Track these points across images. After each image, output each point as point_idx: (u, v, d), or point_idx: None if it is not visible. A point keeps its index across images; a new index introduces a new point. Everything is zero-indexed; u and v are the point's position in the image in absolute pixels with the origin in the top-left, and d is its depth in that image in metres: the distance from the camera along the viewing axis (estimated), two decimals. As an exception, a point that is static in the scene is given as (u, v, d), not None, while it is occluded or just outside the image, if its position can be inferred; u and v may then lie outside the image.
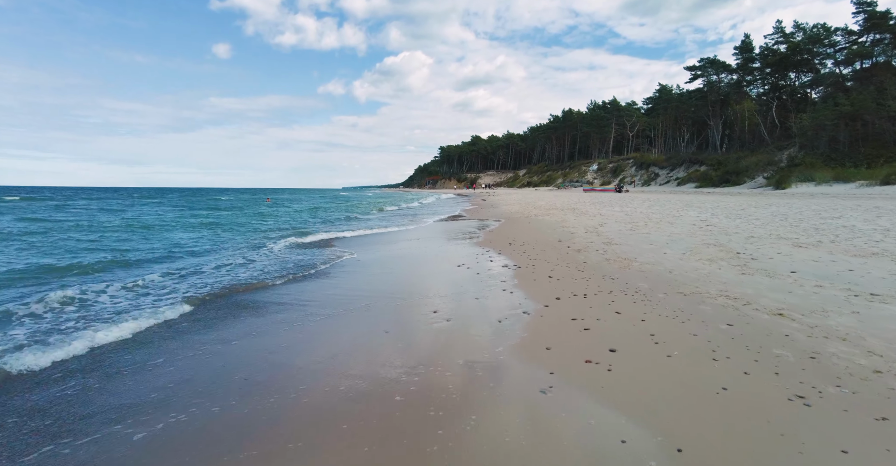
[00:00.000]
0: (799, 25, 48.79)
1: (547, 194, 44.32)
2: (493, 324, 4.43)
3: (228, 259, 8.77)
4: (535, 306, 4.93)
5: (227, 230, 15.00)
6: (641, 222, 11.99)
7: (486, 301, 5.32)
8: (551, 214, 16.48)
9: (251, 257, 8.94)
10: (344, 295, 5.89)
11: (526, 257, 8.09)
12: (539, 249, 8.81)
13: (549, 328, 4.19)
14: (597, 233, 10.48)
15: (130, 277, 6.98)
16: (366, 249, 10.10)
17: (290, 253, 9.59)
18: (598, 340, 3.80)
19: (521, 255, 8.31)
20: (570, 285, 5.77)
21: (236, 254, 9.36)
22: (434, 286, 6.27)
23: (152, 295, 5.86)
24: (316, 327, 4.61)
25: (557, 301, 5.09)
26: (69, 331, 4.41)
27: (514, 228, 13.19)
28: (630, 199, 25.23)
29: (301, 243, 11.27)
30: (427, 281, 6.67)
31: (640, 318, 4.29)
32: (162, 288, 6.32)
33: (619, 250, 8.04)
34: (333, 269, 7.73)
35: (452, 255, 8.88)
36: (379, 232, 14.08)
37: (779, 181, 32.69)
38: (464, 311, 4.94)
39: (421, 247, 10.28)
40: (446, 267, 7.65)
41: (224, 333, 4.43)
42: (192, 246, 10.96)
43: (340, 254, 9.29)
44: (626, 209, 16.42)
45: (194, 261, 8.63)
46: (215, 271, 7.51)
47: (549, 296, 5.27)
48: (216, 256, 9.28)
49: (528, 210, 19.72)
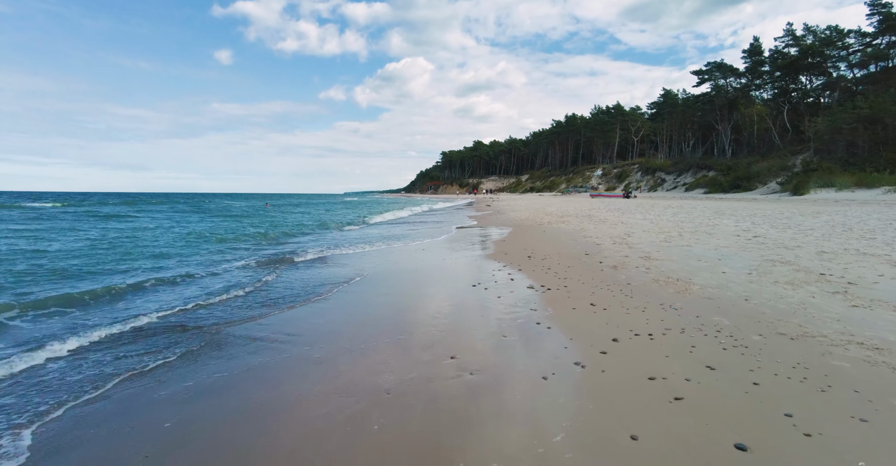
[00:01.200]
0: (809, 28, 47.80)
1: (554, 200, 43.07)
2: (536, 384, 3.16)
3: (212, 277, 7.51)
4: (587, 352, 3.66)
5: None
6: (674, 232, 10.71)
7: (517, 341, 4.05)
8: (566, 222, 15.21)
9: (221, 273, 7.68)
10: (337, 327, 4.62)
11: (553, 275, 6.82)
12: (566, 265, 7.53)
13: (621, 394, 2.92)
14: (627, 244, 9.20)
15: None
16: (365, 263, 8.83)
17: (274, 271, 8.34)
18: (702, 421, 2.53)
19: (545, 272, 7.04)
20: (622, 317, 4.49)
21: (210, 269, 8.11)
22: (447, 314, 5.00)
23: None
24: (295, 379, 3.34)
25: (615, 344, 3.81)
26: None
27: (529, 238, 11.91)
28: (647, 206, 23.93)
29: (292, 260, 10.01)
30: (438, 306, 5.40)
31: (751, 380, 3.01)
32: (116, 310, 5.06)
33: (663, 267, 6.76)
34: (329, 290, 6.47)
35: (464, 271, 7.62)
36: (379, 237, 12.83)
37: (796, 187, 31.39)
38: (492, 358, 3.67)
39: (426, 261, 9.02)
40: (459, 287, 6.38)
41: (171, 388, 3.16)
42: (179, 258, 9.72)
43: (338, 273, 8.04)
44: (647, 216, 15.14)
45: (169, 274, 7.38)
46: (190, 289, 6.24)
47: (602, 336, 4.00)
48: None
49: (539, 217, 18.45)
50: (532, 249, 9.53)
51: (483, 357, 3.72)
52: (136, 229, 16.44)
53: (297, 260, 9.07)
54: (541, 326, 4.43)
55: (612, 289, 5.68)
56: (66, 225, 17.73)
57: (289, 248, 11.09)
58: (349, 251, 10.51)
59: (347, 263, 8.70)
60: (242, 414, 2.89)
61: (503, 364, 3.56)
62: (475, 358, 3.68)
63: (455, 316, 4.97)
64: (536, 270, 7.29)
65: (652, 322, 4.31)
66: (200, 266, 8.40)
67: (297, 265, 8.61)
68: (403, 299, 5.89)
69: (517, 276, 6.94)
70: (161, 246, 11.30)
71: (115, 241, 12.15)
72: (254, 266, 8.38)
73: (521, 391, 3.07)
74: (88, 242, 11.86)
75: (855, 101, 34.31)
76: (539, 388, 3.09)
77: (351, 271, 7.85)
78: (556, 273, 6.96)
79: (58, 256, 9.26)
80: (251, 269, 8.06)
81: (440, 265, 8.40)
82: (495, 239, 12.31)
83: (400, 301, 5.80)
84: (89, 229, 16.03)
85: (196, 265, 8.52)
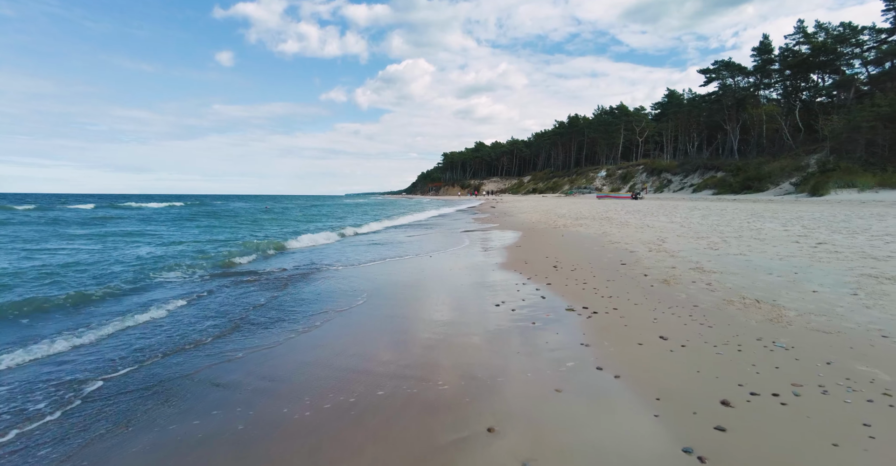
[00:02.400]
0: (821, 25, 46.62)
1: (560, 201, 41.82)
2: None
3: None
4: (692, 427, 2.43)
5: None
6: (714, 236, 9.47)
7: (577, 400, 2.83)
8: (584, 225, 13.98)
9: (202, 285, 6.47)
10: (323, 371, 3.40)
11: (592, 291, 5.60)
12: (603, 278, 6.31)
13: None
14: (667, 252, 7.98)
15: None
16: (369, 278, 7.63)
17: (268, 288, 7.13)
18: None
19: (581, 288, 5.82)
20: (715, 361, 3.27)
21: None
22: (472, 352, 3.78)
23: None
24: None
25: (730, 411, 2.58)
26: None
27: (547, 244, 10.69)
28: (669, 207, 22.67)
29: (272, 270, 8.80)
30: (458, 339, 4.18)
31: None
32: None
33: (728, 283, 5.53)
34: (326, 316, 5.25)
35: (481, 285, 6.40)
36: (385, 244, 11.62)
37: (815, 187, 30.13)
38: (548, 435, 2.44)
39: (437, 273, 7.80)
40: (480, 309, 5.17)
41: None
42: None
43: (338, 291, 6.84)
44: (673, 219, 13.89)
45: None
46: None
47: (703, 395, 2.77)
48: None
49: (552, 219, 17.22)
50: (555, 257, 8.31)
51: (535, 431, 2.50)
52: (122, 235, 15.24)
53: (291, 274, 7.85)
54: (604, 374, 3.20)
55: (677, 313, 4.45)
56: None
57: (285, 260, 9.88)
58: (351, 263, 9.29)
59: (349, 277, 7.48)
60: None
61: (567, 446, 2.33)
62: (523, 434, 2.45)
63: (482, 354, 3.75)
64: (569, 285, 6.07)
65: (763, 369, 3.09)
66: (176, 285, 7.18)
67: (292, 280, 7.40)
68: (413, 327, 4.66)
69: (548, 293, 5.72)
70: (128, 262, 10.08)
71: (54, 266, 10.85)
72: (233, 283, 7.16)
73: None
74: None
75: (874, 99, 33.07)
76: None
77: (353, 287, 6.62)
78: (595, 289, 5.74)
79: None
80: (239, 286, 6.84)
81: (453, 278, 7.18)
82: (509, 244, 11.07)
83: (409, 330, 4.57)
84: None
85: (171, 287, 7.30)
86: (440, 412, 2.75)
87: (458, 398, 2.93)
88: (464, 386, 3.10)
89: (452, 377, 3.28)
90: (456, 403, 2.86)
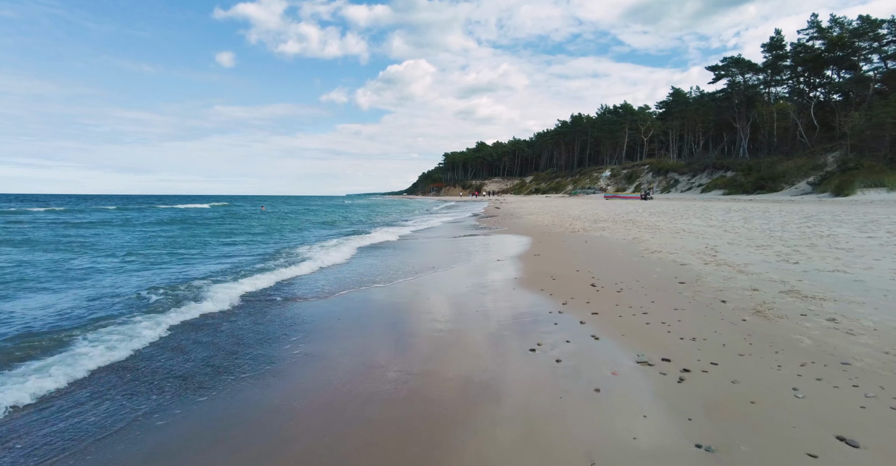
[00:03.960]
0: (836, 19, 45.01)
1: (568, 202, 40.17)
2: None
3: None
4: None
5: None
6: (777, 245, 7.85)
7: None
8: (607, 228, 12.35)
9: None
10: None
11: (660, 327, 4.01)
12: (667, 304, 4.71)
13: None
14: (728, 265, 6.38)
15: None
16: (348, 300, 6.05)
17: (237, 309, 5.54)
18: None
19: (643, 322, 4.23)
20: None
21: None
22: (506, 449, 2.18)
23: None
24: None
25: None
26: None
27: (570, 251, 9.08)
28: (697, 208, 21.02)
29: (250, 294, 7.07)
30: (478, 424, 2.59)
31: None
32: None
33: (861, 317, 3.93)
34: (292, 354, 3.66)
35: (501, 315, 4.80)
36: (380, 255, 10.03)
37: (839, 187, 28.46)
38: None
39: (442, 292, 6.21)
40: (505, 357, 3.58)
41: None
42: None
43: (303, 316, 5.27)
44: (710, 222, 12.23)
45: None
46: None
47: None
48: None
49: (566, 222, 15.59)
50: (588, 271, 6.70)
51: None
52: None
53: (254, 289, 6.25)
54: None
55: (826, 378, 2.85)
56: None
57: (265, 278, 8.29)
58: (324, 290, 7.70)
59: (323, 292, 5.87)
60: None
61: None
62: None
63: (521, 456, 2.15)
64: (624, 315, 4.47)
65: None
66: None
67: (253, 302, 5.80)
68: (413, 389, 3.07)
69: (598, 329, 4.12)
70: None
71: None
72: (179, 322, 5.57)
73: None
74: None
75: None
76: None
77: (320, 310, 5.04)
78: (663, 323, 4.14)
79: None
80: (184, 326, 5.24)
81: (461, 304, 5.58)
82: (523, 251, 9.46)
83: (404, 398, 2.97)
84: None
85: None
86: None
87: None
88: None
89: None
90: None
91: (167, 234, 14.89)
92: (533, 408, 2.73)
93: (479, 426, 2.56)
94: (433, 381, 3.20)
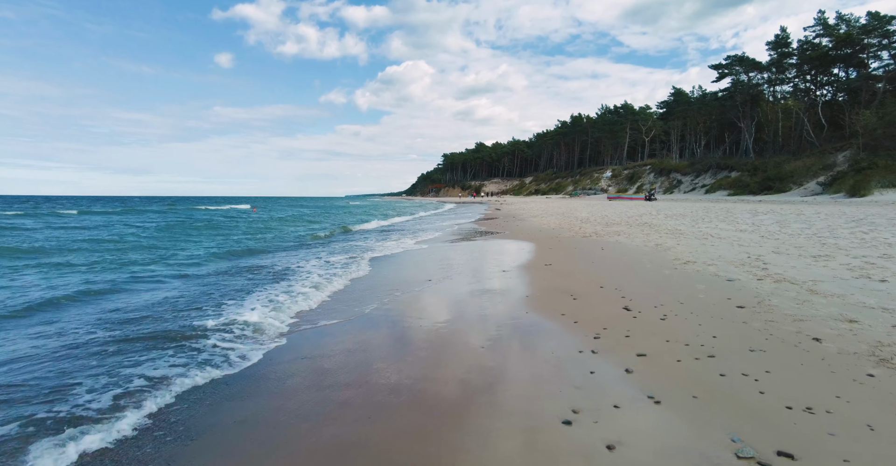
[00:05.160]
0: (842, 16, 43.99)
1: (571, 203, 38.97)
2: None
3: None
4: None
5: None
6: (840, 256, 6.63)
7: None
8: (621, 233, 11.14)
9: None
10: None
11: (738, 378, 2.81)
12: (737, 343, 3.49)
13: None
14: (790, 282, 5.17)
15: None
16: (320, 337, 4.83)
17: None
18: None
19: (711, 369, 3.01)
20: None
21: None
22: None
23: None
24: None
25: None
26: None
27: (587, 261, 7.87)
28: (718, 210, 19.80)
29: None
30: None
31: None
32: None
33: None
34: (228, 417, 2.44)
35: (516, 359, 3.59)
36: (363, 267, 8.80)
37: (854, 187, 27.32)
38: None
39: (431, 320, 5.00)
40: (529, 431, 2.35)
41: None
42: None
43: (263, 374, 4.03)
44: (739, 226, 10.92)
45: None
46: None
47: None
48: None
49: (573, 224, 14.37)
50: (616, 287, 5.49)
51: None
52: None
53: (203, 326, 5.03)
54: None
55: None
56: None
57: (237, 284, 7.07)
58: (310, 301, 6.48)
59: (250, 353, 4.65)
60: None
61: None
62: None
63: None
64: (683, 359, 3.25)
65: None
66: None
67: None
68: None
69: (651, 382, 2.90)
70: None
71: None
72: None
73: None
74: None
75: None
76: None
77: (279, 369, 3.82)
78: (745, 375, 2.93)
79: None
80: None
81: (459, 339, 4.36)
82: (533, 260, 8.24)
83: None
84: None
85: None
86: None
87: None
88: None
89: None
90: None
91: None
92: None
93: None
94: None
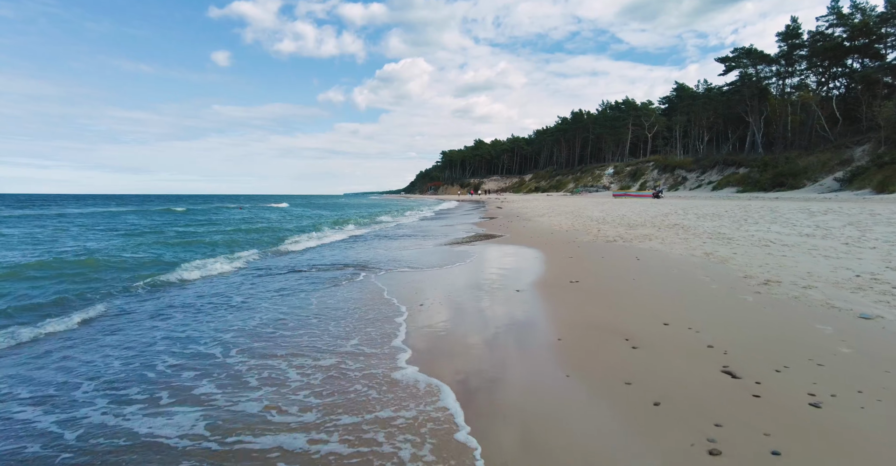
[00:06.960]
0: (857, 5, 42.18)
1: (577, 201, 37.18)
2: None
3: None
4: None
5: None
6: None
7: None
8: (651, 236, 9.37)
9: None
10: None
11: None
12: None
13: None
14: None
15: None
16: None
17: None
18: None
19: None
20: None
21: None
22: None
23: None
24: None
25: None
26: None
27: (622, 278, 6.10)
28: (746, 210, 18.08)
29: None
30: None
31: None
32: None
33: None
34: None
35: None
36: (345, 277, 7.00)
37: (882, 183, 25.61)
38: None
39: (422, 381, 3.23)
40: None
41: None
42: None
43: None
44: (799, 229, 9.09)
45: None
46: None
47: None
48: None
49: (588, 226, 12.60)
50: (689, 325, 3.74)
51: None
52: None
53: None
54: None
55: None
56: None
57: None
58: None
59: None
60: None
61: None
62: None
63: None
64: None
65: None
66: None
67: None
68: None
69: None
70: None
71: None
72: None
73: None
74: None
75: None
76: None
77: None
78: None
79: None
80: None
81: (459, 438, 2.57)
82: (553, 275, 6.45)
83: None
84: None
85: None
86: None
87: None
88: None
89: None
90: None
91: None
92: None
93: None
94: None
